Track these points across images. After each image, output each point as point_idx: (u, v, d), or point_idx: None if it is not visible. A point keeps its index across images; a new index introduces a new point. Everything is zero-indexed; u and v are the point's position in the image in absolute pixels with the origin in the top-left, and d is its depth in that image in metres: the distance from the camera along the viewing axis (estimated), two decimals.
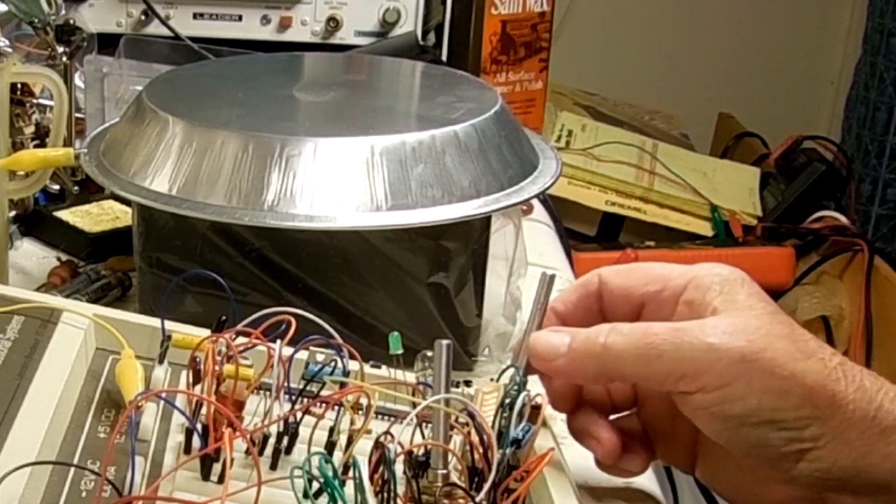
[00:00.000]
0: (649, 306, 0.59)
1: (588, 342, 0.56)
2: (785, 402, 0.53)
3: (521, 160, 0.77)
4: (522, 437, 0.52)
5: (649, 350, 0.54)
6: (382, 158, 0.70)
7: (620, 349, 0.55)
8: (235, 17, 1.23)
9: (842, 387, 0.53)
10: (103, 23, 1.19)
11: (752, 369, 0.53)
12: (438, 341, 0.53)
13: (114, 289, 0.85)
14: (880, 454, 0.53)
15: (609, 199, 1.64)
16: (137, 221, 0.76)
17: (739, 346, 0.53)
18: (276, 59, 0.94)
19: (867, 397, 0.53)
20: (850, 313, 1.58)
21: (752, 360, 0.53)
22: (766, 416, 0.53)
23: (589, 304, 0.60)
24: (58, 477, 0.49)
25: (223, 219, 0.70)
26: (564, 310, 0.61)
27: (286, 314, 0.54)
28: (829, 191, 1.76)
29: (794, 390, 0.53)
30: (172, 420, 0.55)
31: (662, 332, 0.54)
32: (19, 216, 0.94)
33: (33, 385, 0.53)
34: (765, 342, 0.53)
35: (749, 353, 0.53)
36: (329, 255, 0.73)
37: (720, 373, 0.53)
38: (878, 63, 2.18)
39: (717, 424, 0.54)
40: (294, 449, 0.54)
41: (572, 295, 0.61)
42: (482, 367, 0.77)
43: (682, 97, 2.40)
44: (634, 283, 0.59)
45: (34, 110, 0.89)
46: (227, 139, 0.71)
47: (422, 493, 0.49)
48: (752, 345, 0.53)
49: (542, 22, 1.34)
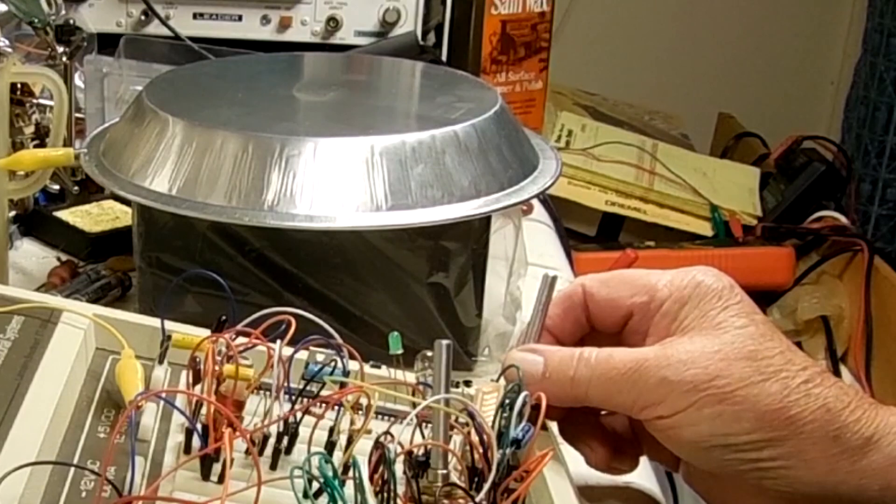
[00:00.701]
0: (636, 317, 0.60)
1: (559, 372, 0.58)
2: (737, 426, 0.54)
3: (521, 160, 0.77)
4: (522, 437, 0.52)
5: (611, 385, 0.57)
6: (382, 158, 0.70)
7: (586, 382, 0.57)
8: (235, 17, 1.23)
9: (800, 408, 0.54)
10: (103, 23, 1.19)
11: (702, 398, 0.54)
12: (438, 341, 0.53)
13: (114, 289, 0.85)
14: (845, 472, 0.54)
15: (609, 199, 1.64)
16: (137, 221, 0.76)
17: (692, 375, 0.55)
18: (276, 59, 0.94)
19: (829, 417, 0.54)
20: (850, 313, 1.58)
21: (703, 388, 0.54)
22: (719, 441, 0.55)
23: (575, 315, 0.62)
24: (58, 477, 0.49)
25: (223, 219, 0.70)
26: (551, 323, 0.62)
27: (286, 314, 0.54)
28: (829, 191, 1.76)
29: (745, 415, 0.54)
30: (172, 420, 0.55)
31: (622, 367, 0.56)
32: (19, 216, 0.94)
33: (33, 385, 0.53)
34: (719, 367, 0.55)
35: (700, 383, 0.55)
36: (329, 255, 0.73)
37: (673, 403, 0.55)
38: (878, 63, 2.18)
39: (678, 447, 0.57)
40: (294, 449, 0.54)
41: (558, 308, 0.62)
42: (482, 367, 0.77)
43: (682, 97, 2.40)
44: (621, 294, 0.60)
45: (34, 110, 0.89)
46: (227, 139, 0.71)
47: (422, 493, 0.49)
48: (705, 372, 0.55)
49: (542, 22, 1.34)
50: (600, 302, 0.61)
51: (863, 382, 1.52)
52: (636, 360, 0.56)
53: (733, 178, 1.78)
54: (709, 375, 0.55)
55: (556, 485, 0.54)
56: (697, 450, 0.56)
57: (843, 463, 0.54)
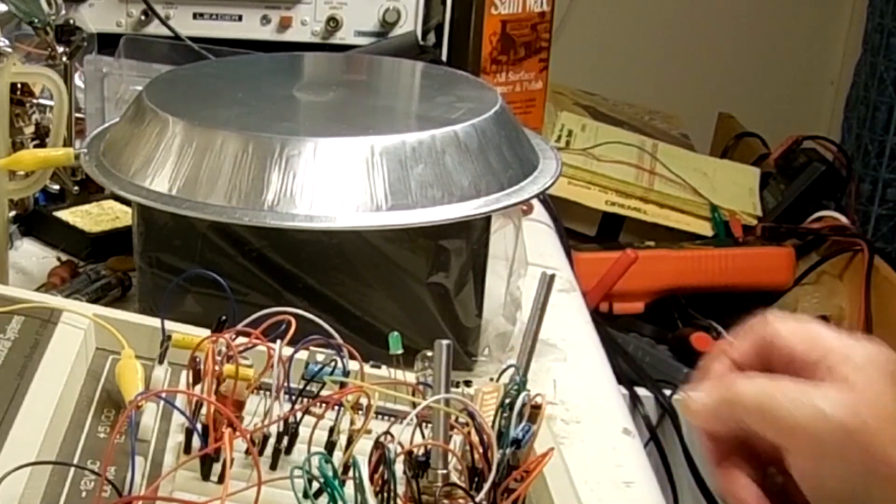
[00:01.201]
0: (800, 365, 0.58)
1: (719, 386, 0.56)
2: (875, 480, 0.52)
3: (521, 160, 0.77)
4: (522, 437, 0.52)
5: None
6: (382, 158, 0.70)
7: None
8: (235, 17, 1.23)
9: None
10: (103, 23, 1.19)
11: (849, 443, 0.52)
12: (438, 341, 0.53)
13: (114, 289, 0.85)
14: None
15: (609, 199, 1.64)
16: (137, 221, 0.76)
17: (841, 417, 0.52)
18: (276, 59, 0.94)
19: None
20: (850, 313, 1.58)
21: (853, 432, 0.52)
22: (859, 494, 0.52)
23: (761, 350, 0.59)
24: (58, 477, 0.49)
25: (223, 219, 0.70)
26: (740, 358, 0.59)
27: (286, 314, 0.54)
28: (829, 191, 1.76)
29: (884, 471, 0.52)
30: (172, 420, 0.55)
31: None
32: (19, 216, 0.94)
33: (33, 385, 0.53)
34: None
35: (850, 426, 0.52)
36: (329, 255, 0.73)
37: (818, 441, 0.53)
38: (878, 63, 2.18)
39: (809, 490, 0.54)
40: (294, 449, 0.54)
41: (744, 344, 0.59)
42: (482, 367, 0.77)
43: (682, 97, 2.40)
44: (803, 349, 0.57)
45: (34, 110, 0.89)
46: (227, 139, 0.71)
47: (422, 493, 0.49)
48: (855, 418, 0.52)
49: (542, 22, 1.34)
50: (783, 349, 0.58)
51: None
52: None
53: (733, 178, 1.78)
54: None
55: (556, 485, 0.54)
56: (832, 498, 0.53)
57: None
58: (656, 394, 1.43)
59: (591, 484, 0.63)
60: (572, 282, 0.99)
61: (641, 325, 1.58)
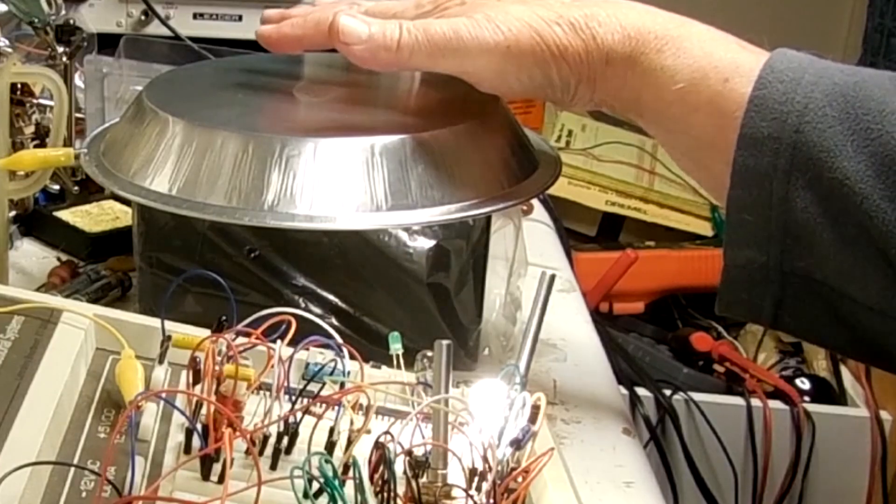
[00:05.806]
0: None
1: (382, 36, 0.66)
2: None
3: (521, 160, 0.77)
4: (522, 437, 0.52)
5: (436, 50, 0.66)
6: (382, 158, 0.70)
7: (410, 47, 0.66)
8: (235, 17, 1.23)
9: None
10: (103, 23, 1.19)
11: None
12: (438, 341, 0.53)
13: (114, 289, 0.85)
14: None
15: (609, 199, 1.64)
16: (137, 221, 0.76)
17: None
18: (276, 59, 0.94)
19: None
20: None
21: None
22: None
23: None
24: (58, 477, 0.49)
25: (223, 219, 0.69)
26: None
27: (286, 314, 0.54)
28: None
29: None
30: (172, 420, 0.55)
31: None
32: (19, 216, 0.94)
33: (33, 385, 0.53)
34: None
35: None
36: (329, 255, 0.73)
37: None
38: (878, 63, 2.18)
39: None
40: (294, 449, 0.54)
41: None
42: (482, 367, 0.77)
43: None
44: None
45: (34, 110, 0.89)
46: (227, 139, 0.71)
47: (422, 493, 0.49)
48: None
49: None
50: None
51: (863, 383, 1.52)
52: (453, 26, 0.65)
53: None
54: None
55: (556, 485, 0.54)
56: None
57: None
58: (656, 394, 1.43)
59: (591, 484, 0.63)
60: (572, 282, 0.99)
61: (641, 325, 1.58)
